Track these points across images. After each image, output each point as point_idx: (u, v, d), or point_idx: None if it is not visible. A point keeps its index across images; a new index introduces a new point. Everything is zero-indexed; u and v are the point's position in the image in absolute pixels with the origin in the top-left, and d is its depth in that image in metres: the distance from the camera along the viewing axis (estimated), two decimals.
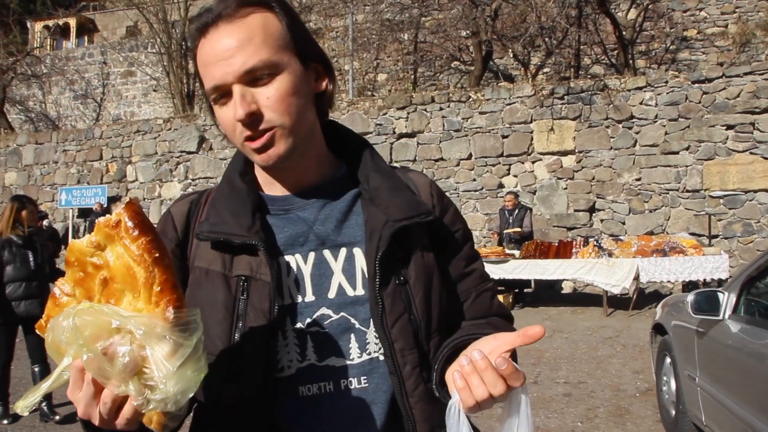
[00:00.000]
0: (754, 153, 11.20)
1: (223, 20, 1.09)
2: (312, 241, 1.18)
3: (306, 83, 1.15)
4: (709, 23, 16.88)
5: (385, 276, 1.13)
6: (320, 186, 1.22)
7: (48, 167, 18.33)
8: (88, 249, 0.92)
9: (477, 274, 1.29)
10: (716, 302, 3.95)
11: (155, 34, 21.98)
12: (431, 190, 1.29)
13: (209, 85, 1.11)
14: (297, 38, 1.14)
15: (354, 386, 1.13)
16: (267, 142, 1.10)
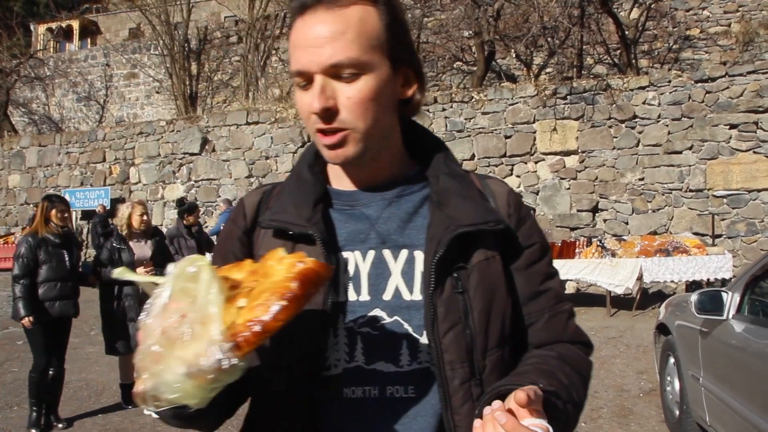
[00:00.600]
0: (757, 152, 11.17)
1: (323, 5, 1.05)
2: (372, 239, 1.14)
3: (391, 88, 1.11)
4: (711, 22, 16.85)
5: (441, 281, 1.08)
6: (389, 184, 1.19)
7: (51, 169, 18.37)
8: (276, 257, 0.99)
9: (552, 293, 1.21)
10: (720, 302, 3.94)
11: (158, 35, 22.04)
12: (509, 200, 1.22)
13: (294, 68, 1.09)
14: (393, 39, 1.10)
15: (400, 395, 1.08)
16: (338, 142, 1.08)
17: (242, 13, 22.71)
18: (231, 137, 15.81)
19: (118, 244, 5.93)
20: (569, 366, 1.12)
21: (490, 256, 1.13)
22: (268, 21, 21.13)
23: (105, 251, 5.95)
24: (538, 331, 1.18)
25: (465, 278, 1.10)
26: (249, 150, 15.56)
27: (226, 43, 22.13)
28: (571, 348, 1.18)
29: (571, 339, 1.20)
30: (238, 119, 15.82)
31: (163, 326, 0.88)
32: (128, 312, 5.84)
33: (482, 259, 1.12)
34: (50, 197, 5.85)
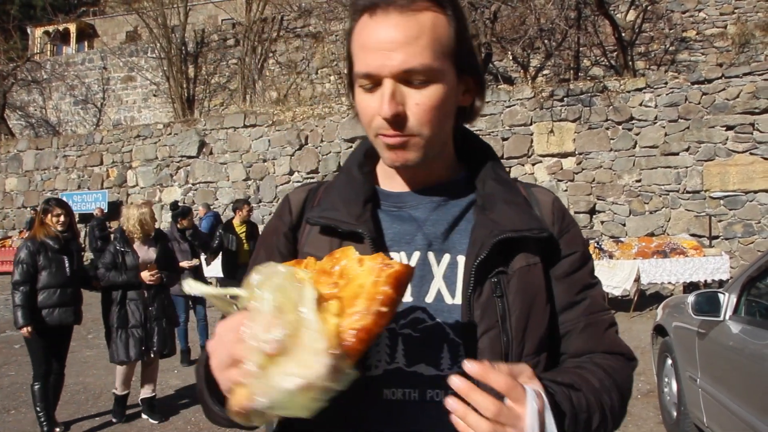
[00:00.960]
0: (754, 153, 11.19)
1: (396, 8, 1.04)
2: (419, 241, 1.15)
3: (455, 96, 1.12)
4: (708, 24, 16.88)
5: (480, 284, 1.09)
6: (437, 187, 1.19)
7: (48, 173, 18.36)
8: (353, 258, 0.96)
9: (590, 302, 1.19)
10: (717, 303, 3.95)
11: (155, 39, 22.04)
12: (553, 208, 1.22)
13: (361, 70, 1.07)
14: (460, 47, 1.10)
15: (441, 398, 1.05)
16: (401, 144, 1.08)
17: (239, 16, 22.72)
18: (228, 140, 15.81)
19: (122, 247, 5.73)
20: (604, 372, 1.12)
21: (531, 262, 1.14)
22: (265, 24, 21.14)
23: (108, 254, 5.73)
24: (574, 340, 1.18)
25: (505, 283, 1.10)
26: (246, 153, 15.55)
27: (223, 46, 22.12)
28: (609, 359, 1.17)
29: (608, 349, 1.18)
30: (236, 122, 15.82)
31: (265, 340, 0.85)
32: (131, 318, 5.62)
33: (523, 265, 1.12)
34: (48, 201, 5.68)
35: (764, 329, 3.51)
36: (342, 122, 14.30)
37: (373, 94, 1.08)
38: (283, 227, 1.24)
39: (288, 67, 20.70)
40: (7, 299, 13.06)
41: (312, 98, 19.44)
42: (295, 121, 15.06)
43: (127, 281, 5.62)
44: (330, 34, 19.90)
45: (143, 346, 5.63)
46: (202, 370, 1.04)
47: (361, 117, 1.14)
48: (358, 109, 1.14)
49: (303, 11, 20.78)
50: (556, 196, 1.27)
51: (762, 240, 11.07)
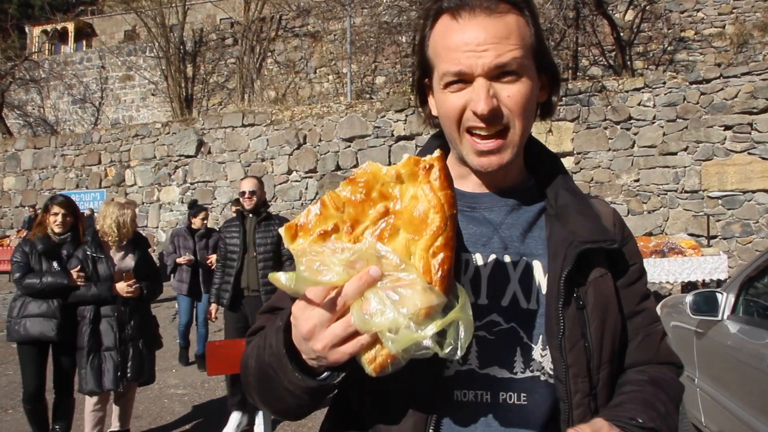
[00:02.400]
0: (752, 153, 11.20)
1: (483, 11, 1.08)
2: (495, 244, 1.16)
3: (536, 93, 1.15)
4: (706, 24, 16.89)
5: (567, 297, 1.10)
6: (510, 191, 1.21)
7: (47, 172, 18.34)
8: (386, 175, 0.92)
9: (648, 313, 1.24)
10: (715, 303, 3.95)
11: (153, 38, 22.02)
12: (614, 219, 1.26)
13: (451, 69, 1.09)
14: (539, 47, 1.14)
15: (513, 401, 1.09)
16: (496, 148, 1.10)
17: (238, 15, 22.70)
18: (226, 139, 15.79)
19: (94, 252, 4.82)
20: (665, 393, 1.15)
21: (603, 273, 1.16)
22: (264, 23, 21.12)
23: (74, 261, 4.78)
24: (633, 351, 1.21)
25: (584, 294, 1.13)
26: (244, 152, 15.54)
27: (222, 46, 22.10)
28: (664, 371, 1.21)
29: (662, 360, 1.22)
30: (234, 121, 15.81)
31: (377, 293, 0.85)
32: (104, 339, 4.73)
33: (598, 276, 1.15)
34: (52, 198, 5.07)
35: (762, 329, 3.52)
36: (340, 121, 14.29)
37: (460, 94, 1.10)
38: None
39: (286, 66, 20.68)
40: (5, 298, 13.04)
41: (310, 97, 19.43)
42: (294, 120, 15.06)
43: (98, 295, 4.71)
44: (328, 34, 19.89)
45: (119, 372, 4.72)
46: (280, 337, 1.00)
47: (446, 116, 1.14)
48: (442, 110, 1.14)
49: (301, 11, 20.76)
50: (615, 209, 1.31)
51: (760, 239, 11.08)
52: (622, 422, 1.03)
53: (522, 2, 1.12)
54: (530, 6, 1.14)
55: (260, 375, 1.07)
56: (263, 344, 1.06)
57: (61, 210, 4.92)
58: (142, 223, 16.64)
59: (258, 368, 1.07)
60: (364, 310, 0.84)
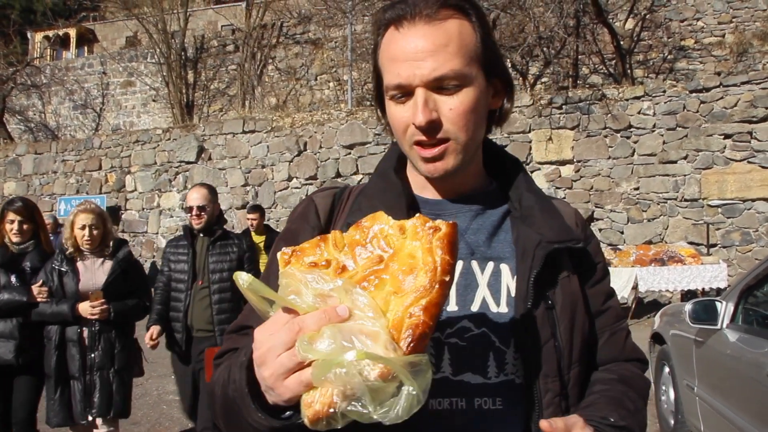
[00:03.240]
0: (751, 162, 11.22)
1: (422, 19, 1.07)
2: (462, 250, 1.14)
3: (485, 99, 1.14)
4: (706, 33, 16.94)
5: (536, 298, 1.10)
6: (472, 197, 1.21)
7: (47, 177, 18.34)
8: (391, 226, 0.90)
9: (613, 312, 1.24)
10: (714, 311, 3.95)
11: (155, 44, 22.06)
12: (576, 220, 1.27)
13: (392, 82, 1.09)
14: (486, 52, 1.12)
15: (488, 406, 1.08)
16: (438, 155, 1.09)
17: (239, 22, 22.79)
18: (227, 146, 15.81)
19: (59, 265, 4.19)
20: (634, 391, 1.17)
21: (570, 273, 1.17)
22: (265, 30, 21.18)
23: (41, 275, 4.18)
24: (599, 349, 1.21)
25: (552, 294, 1.13)
26: (245, 158, 15.55)
27: (223, 52, 22.15)
28: (631, 368, 1.22)
29: (628, 357, 1.23)
30: (235, 128, 15.83)
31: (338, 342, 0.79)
32: (70, 365, 4.12)
33: (564, 276, 1.16)
34: (7, 203, 4.38)
35: (761, 337, 3.52)
36: (341, 129, 14.31)
37: (405, 105, 1.09)
38: (310, 230, 1.21)
39: (287, 73, 20.73)
40: None
41: (311, 104, 19.46)
42: (294, 127, 15.07)
43: (57, 314, 4.05)
44: (329, 41, 19.94)
45: (85, 403, 4.13)
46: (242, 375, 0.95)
47: (394, 128, 1.14)
48: (390, 122, 1.15)
49: (302, 18, 20.82)
50: (576, 209, 1.31)
51: (759, 248, 11.08)
52: (595, 422, 1.03)
53: (467, 6, 1.11)
54: (477, 10, 1.12)
55: (225, 408, 1.02)
56: (227, 377, 1.02)
57: (17, 217, 4.25)
58: (142, 228, 16.64)
59: (223, 400, 1.03)
60: (312, 341, 0.79)
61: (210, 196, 4.61)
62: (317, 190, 1.32)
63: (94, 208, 4.33)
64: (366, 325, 0.79)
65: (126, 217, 16.96)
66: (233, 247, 4.64)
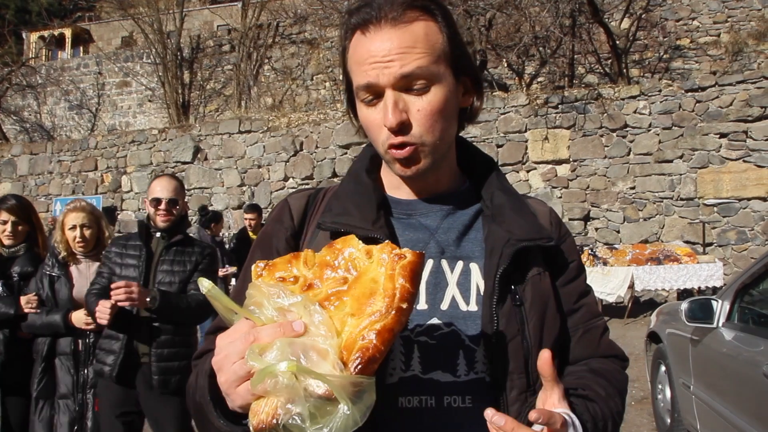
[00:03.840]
0: (747, 161, 11.24)
1: (387, 22, 1.07)
2: (432, 249, 1.16)
3: (455, 98, 1.15)
4: (701, 32, 16.98)
5: (502, 294, 1.11)
6: (445, 196, 1.22)
7: (43, 177, 18.29)
8: (360, 250, 0.92)
9: (587, 309, 1.24)
10: (710, 310, 3.96)
11: (150, 44, 22.02)
12: (550, 218, 1.28)
13: (361, 83, 1.10)
14: (454, 51, 1.13)
15: (458, 404, 1.08)
16: (411, 156, 1.10)
17: (235, 22, 22.75)
18: (223, 146, 15.79)
19: (51, 270, 3.69)
20: (605, 379, 1.16)
21: (541, 271, 1.17)
22: (261, 30, 21.16)
23: (33, 283, 3.71)
24: (573, 347, 1.21)
25: (521, 291, 1.13)
26: (241, 159, 15.54)
27: (219, 52, 22.12)
28: (605, 362, 1.21)
29: (604, 353, 1.22)
30: (231, 128, 15.81)
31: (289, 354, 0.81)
32: (60, 383, 3.61)
33: (535, 273, 1.16)
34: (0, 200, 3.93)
35: (757, 336, 3.53)
36: (337, 128, 14.30)
37: (376, 107, 1.10)
38: (284, 232, 1.23)
39: (283, 73, 20.71)
40: None
41: (307, 104, 19.45)
42: (290, 127, 15.06)
43: (48, 324, 3.53)
44: (325, 41, 19.92)
45: (74, 427, 3.57)
46: (204, 382, 1.01)
47: (367, 131, 1.15)
48: (363, 125, 1.16)
49: (298, 18, 20.80)
50: (551, 207, 1.32)
51: (755, 247, 11.10)
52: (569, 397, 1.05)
53: (433, 6, 1.11)
54: (443, 10, 1.13)
55: (196, 412, 1.07)
56: (195, 383, 1.06)
57: (11, 216, 3.77)
58: None
59: (193, 405, 1.07)
60: (263, 352, 0.82)
61: (180, 190, 3.77)
62: (293, 191, 1.33)
63: (84, 206, 3.83)
64: (318, 342, 0.81)
65: (122, 217, 16.92)
66: (192, 256, 3.67)
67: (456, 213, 1.21)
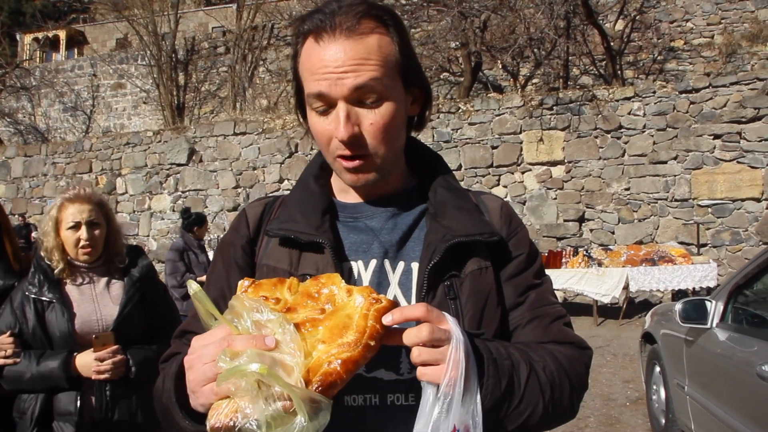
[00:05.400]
0: (741, 162, 11.28)
1: (342, 32, 1.07)
2: (375, 250, 1.18)
3: (404, 108, 1.16)
4: (695, 34, 17.04)
5: (433, 287, 1.12)
6: (391, 197, 1.23)
7: (37, 180, 18.24)
8: (341, 287, 0.98)
9: (536, 298, 1.22)
10: (704, 311, 3.97)
11: (145, 46, 21.99)
12: (501, 213, 1.27)
13: (313, 91, 1.10)
14: (405, 62, 1.14)
15: (401, 402, 1.10)
16: (360, 167, 1.12)
17: (230, 23, 22.74)
18: (218, 148, 15.77)
19: (37, 293, 2.49)
20: (541, 349, 1.14)
21: (483, 266, 1.17)
22: (256, 32, 21.15)
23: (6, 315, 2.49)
24: (520, 333, 1.20)
25: (457, 286, 1.14)
26: (236, 160, 15.52)
27: (214, 54, 22.10)
28: (559, 347, 1.18)
29: (556, 339, 1.20)
30: (226, 130, 15.79)
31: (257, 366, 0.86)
32: None
33: (475, 268, 1.16)
34: None
35: (751, 336, 3.53)
36: None
37: (327, 117, 1.11)
38: (240, 240, 1.25)
39: (278, 75, 20.69)
40: None
41: None
42: (285, 129, 15.05)
43: (44, 376, 2.39)
44: None
45: None
46: (170, 384, 1.05)
47: (317, 140, 1.16)
48: (313, 132, 1.17)
49: (293, 20, 20.79)
50: (505, 202, 1.32)
51: (749, 248, 11.14)
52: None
53: (386, 17, 1.12)
54: (395, 20, 1.13)
55: (162, 414, 1.10)
56: (162, 386, 1.10)
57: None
58: (133, 231, 16.58)
59: (160, 407, 1.11)
60: (233, 357, 0.87)
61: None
62: (252, 201, 1.37)
63: (90, 195, 2.69)
64: (286, 358, 0.86)
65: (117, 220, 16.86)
66: None
67: (401, 213, 1.22)
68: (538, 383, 1.07)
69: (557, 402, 1.10)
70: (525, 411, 1.05)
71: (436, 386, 0.94)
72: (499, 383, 1.00)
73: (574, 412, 1.18)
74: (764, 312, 3.87)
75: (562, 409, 1.13)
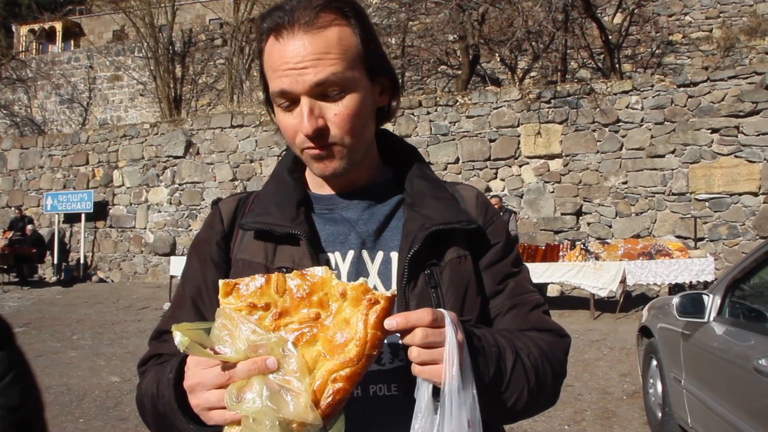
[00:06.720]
0: (738, 156, 11.29)
1: (301, 27, 1.07)
2: (352, 241, 1.18)
3: (371, 99, 1.16)
4: (693, 28, 17.02)
5: (414, 276, 1.12)
6: (366, 189, 1.23)
7: (34, 172, 18.20)
8: (334, 287, 0.94)
9: (514, 286, 1.23)
10: (701, 304, 3.97)
11: (142, 38, 21.91)
12: (477, 202, 1.27)
13: (277, 89, 1.10)
14: (368, 52, 1.13)
15: (383, 393, 1.10)
16: (326, 154, 1.12)
17: (227, 15, 22.64)
18: (215, 140, 15.75)
19: None
20: (524, 335, 1.15)
21: (462, 254, 1.17)
22: (253, 24, 21.06)
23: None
24: (499, 322, 1.21)
25: (438, 274, 1.14)
26: (233, 153, 15.50)
27: (211, 46, 22.04)
28: (538, 334, 1.19)
29: (536, 327, 1.20)
30: (223, 122, 15.76)
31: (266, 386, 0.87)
32: None
33: (454, 257, 1.16)
34: None
35: (748, 330, 3.54)
36: None
37: (292, 113, 1.11)
38: (215, 236, 1.25)
39: None
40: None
41: None
42: None
43: None
44: None
45: None
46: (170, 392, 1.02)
47: (284, 135, 1.17)
48: (281, 128, 1.17)
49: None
50: (480, 191, 1.32)
51: (746, 242, 11.16)
52: None
53: (346, 9, 1.11)
54: (356, 11, 1.13)
55: (157, 421, 1.09)
56: (156, 393, 1.07)
57: None
58: (130, 224, 16.55)
59: (154, 414, 1.09)
60: (240, 392, 0.87)
61: None
62: (227, 196, 1.36)
63: None
64: (292, 383, 0.86)
65: (114, 212, 16.86)
66: None
67: (377, 204, 1.22)
68: (523, 369, 1.08)
69: (541, 388, 1.11)
70: (511, 397, 1.06)
71: (432, 384, 0.95)
72: (487, 370, 1.02)
73: (555, 398, 1.19)
74: (761, 306, 3.86)
75: (545, 395, 1.14)
